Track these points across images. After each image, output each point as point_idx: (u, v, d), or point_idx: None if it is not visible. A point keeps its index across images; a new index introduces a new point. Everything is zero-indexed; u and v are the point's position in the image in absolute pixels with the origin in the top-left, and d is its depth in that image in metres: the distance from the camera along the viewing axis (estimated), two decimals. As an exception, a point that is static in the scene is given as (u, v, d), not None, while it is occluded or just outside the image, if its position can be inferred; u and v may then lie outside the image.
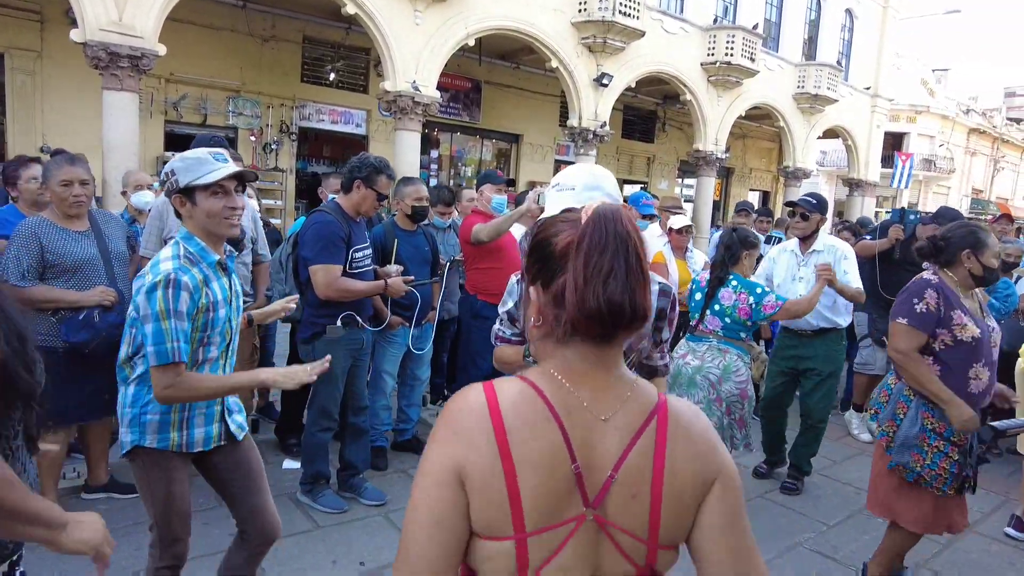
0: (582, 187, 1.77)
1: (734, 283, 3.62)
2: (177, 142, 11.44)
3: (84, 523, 1.31)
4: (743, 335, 3.64)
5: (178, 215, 2.03)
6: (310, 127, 12.81)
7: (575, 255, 0.92)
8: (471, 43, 11.13)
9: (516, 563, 0.90)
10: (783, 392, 4.23)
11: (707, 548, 0.96)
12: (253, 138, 11.98)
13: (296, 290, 3.47)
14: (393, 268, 3.55)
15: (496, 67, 14.43)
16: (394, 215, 3.98)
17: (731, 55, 14.27)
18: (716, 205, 19.39)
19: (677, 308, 2.01)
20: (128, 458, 2.06)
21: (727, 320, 3.60)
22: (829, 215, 25.11)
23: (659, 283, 1.94)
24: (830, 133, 19.08)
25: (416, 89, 10.27)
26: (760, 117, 17.85)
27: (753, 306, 3.54)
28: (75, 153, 3.14)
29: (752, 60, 14.62)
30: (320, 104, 12.72)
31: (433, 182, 14.71)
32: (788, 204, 4.46)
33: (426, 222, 4.15)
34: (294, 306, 2.53)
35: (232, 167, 1.96)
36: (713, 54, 14.44)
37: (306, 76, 12.48)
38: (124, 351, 2.03)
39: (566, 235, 0.95)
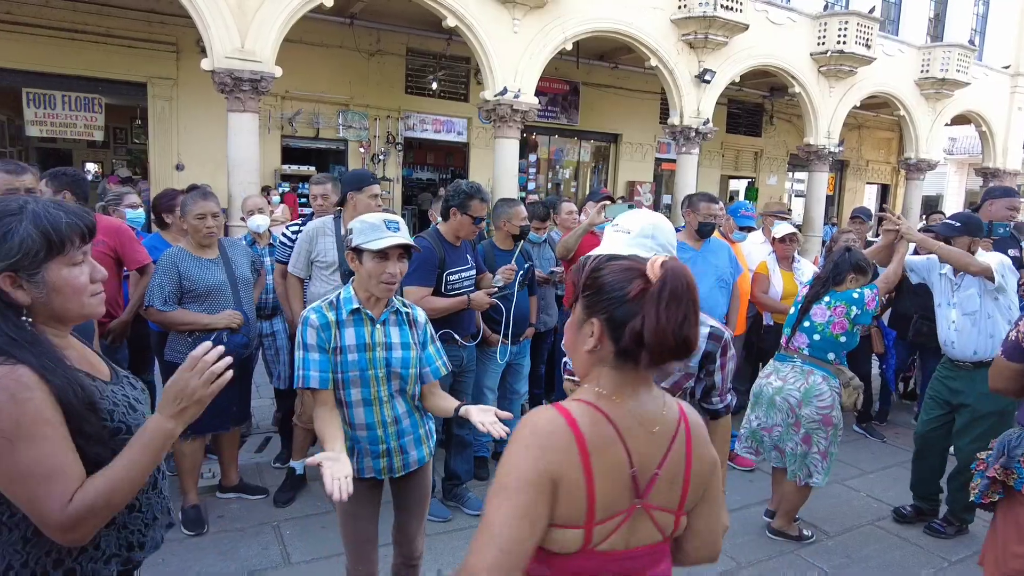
0: (637, 233, 1.86)
1: (827, 299, 3.42)
2: (293, 155, 12.24)
3: (185, 408, 1.33)
4: (832, 356, 3.41)
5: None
6: (414, 137, 13.29)
7: (657, 301, 1.14)
8: (568, 47, 11.15)
9: (583, 543, 1.16)
10: (938, 427, 3.73)
11: (700, 511, 1.29)
12: (363, 150, 12.59)
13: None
14: (490, 277, 3.68)
15: (594, 68, 14.36)
16: (492, 236, 4.10)
17: (844, 43, 13.43)
18: (830, 200, 18.34)
19: (730, 352, 2.04)
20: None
21: (815, 338, 3.41)
22: (963, 205, 23.12)
23: (710, 326, 1.98)
24: (960, 119, 17.55)
25: (516, 97, 10.42)
26: (878, 106, 16.69)
27: (856, 314, 3.34)
28: (202, 185, 3.47)
29: (868, 46, 13.69)
30: (423, 114, 13.17)
31: (531, 186, 14.88)
32: (929, 226, 4.03)
33: (525, 240, 4.24)
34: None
35: (396, 239, 2.11)
36: (823, 43, 13.65)
37: (410, 87, 12.97)
38: None
39: (638, 283, 1.16)
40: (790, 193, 20.16)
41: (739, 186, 19.20)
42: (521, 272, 3.90)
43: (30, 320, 1.30)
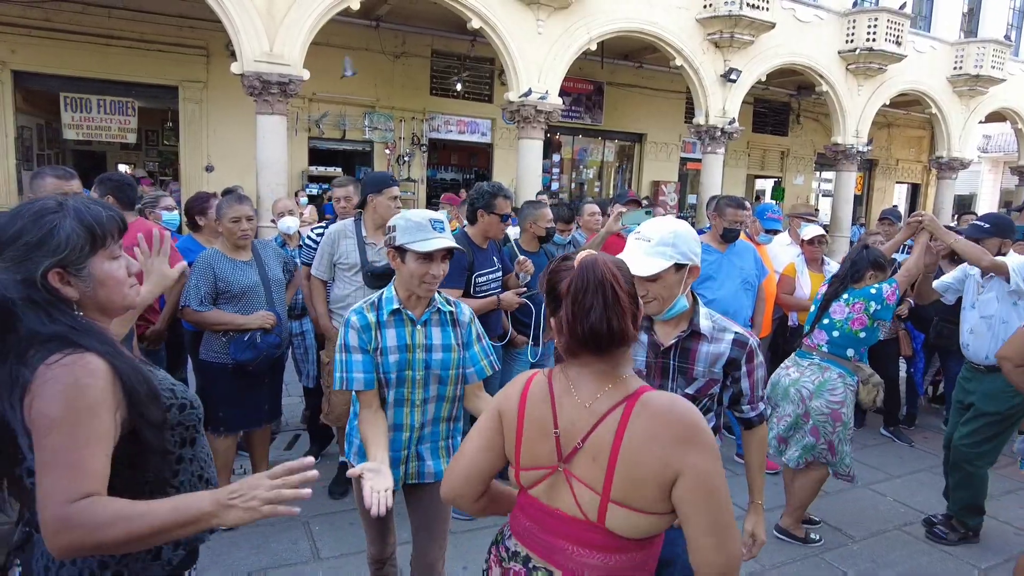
0: (657, 241, 1.88)
1: (845, 296, 3.42)
2: (319, 157, 12.40)
3: (235, 506, 1.21)
4: (851, 352, 3.42)
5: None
6: (438, 138, 13.39)
7: (566, 296, 1.28)
8: (593, 47, 11.14)
9: (515, 479, 1.43)
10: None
11: (685, 526, 1.27)
12: (388, 151, 12.71)
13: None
14: (516, 278, 3.72)
15: (618, 68, 14.32)
16: (517, 238, 4.14)
17: (873, 40, 13.22)
18: (858, 200, 18.08)
19: (758, 358, 2.02)
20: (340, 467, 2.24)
21: (834, 334, 3.41)
22: (997, 205, 22.54)
23: (735, 332, 1.98)
24: (995, 116, 17.14)
25: (541, 99, 10.44)
26: (908, 104, 16.39)
27: (876, 309, 3.34)
28: (235, 187, 3.56)
29: (898, 44, 13.46)
30: (448, 115, 13.26)
31: (554, 186, 14.88)
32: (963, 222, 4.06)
33: (550, 242, 4.28)
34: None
35: (443, 242, 2.07)
36: (852, 40, 13.45)
37: (434, 89, 13.06)
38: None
39: (566, 280, 1.30)
40: (817, 193, 19.88)
41: (765, 186, 18.99)
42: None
43: (80, 314, 1.32)
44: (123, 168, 15.44)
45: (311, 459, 1.29)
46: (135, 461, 1.31)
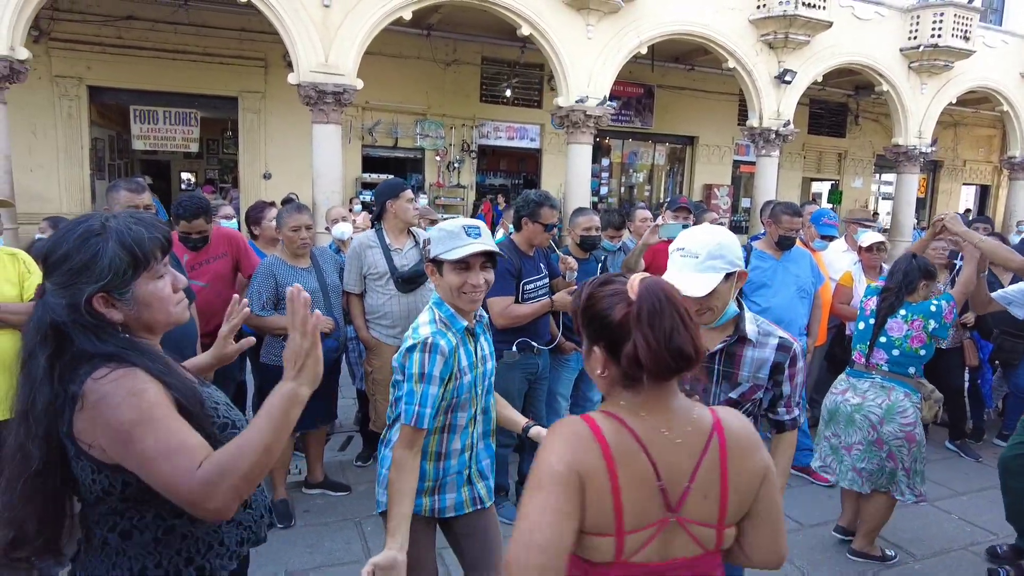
0: (705, 256, 1.84)
1: (903, 312, 3.30)
2: (372, 164, 12.67)
3: (302, 370, 1.28)
4: (912, 370, 3.29)
5: None
6: (488, 144, 13.51)
7: (638, 323, 1.16)
8: (643, 51, 11.06)
9: (615, 552, 1.18)
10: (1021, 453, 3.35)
11: (754, 522, 1.26)
12: (439, 158, 12.90)
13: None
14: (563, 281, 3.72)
15: (669, 70, 14.17)
16: (567, 245, 4.16)
17: (938, 36, 12.70)
18: (921, 203, 17.37)
19: (800, 363, 1.99)
20: (382, 517, 2.03)
21: (895, 353, 3.29)
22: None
23: (779, 337, 1.96)
24: (1072, 114, 16.23)
25: (597, 105, 10.42)
26: (977, 102, 15.69)
27: (935, 327, 3.22)
28: (291, 194, 3.69)
29: (966, 39, 12.89)
30: (497, 121, 13.37)
31: (603, 190, 14.81)
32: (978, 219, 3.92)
33: (597, 249, 4.28)
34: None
35: (478, 246, 1.91)
36: (915, 37, 12.95)
37: (484, 95, 13.19)
38: (390, 413, 2.06)
39: (620, 308, 1.19)
40: (877, 196, 19.20)
41: (822, 189, 18.44)
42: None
43: (127, 335, 1.34)
44: (185, 176, 16.13)
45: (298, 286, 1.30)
46: None
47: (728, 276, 1.88)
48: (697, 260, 1.86)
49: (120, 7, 10.41)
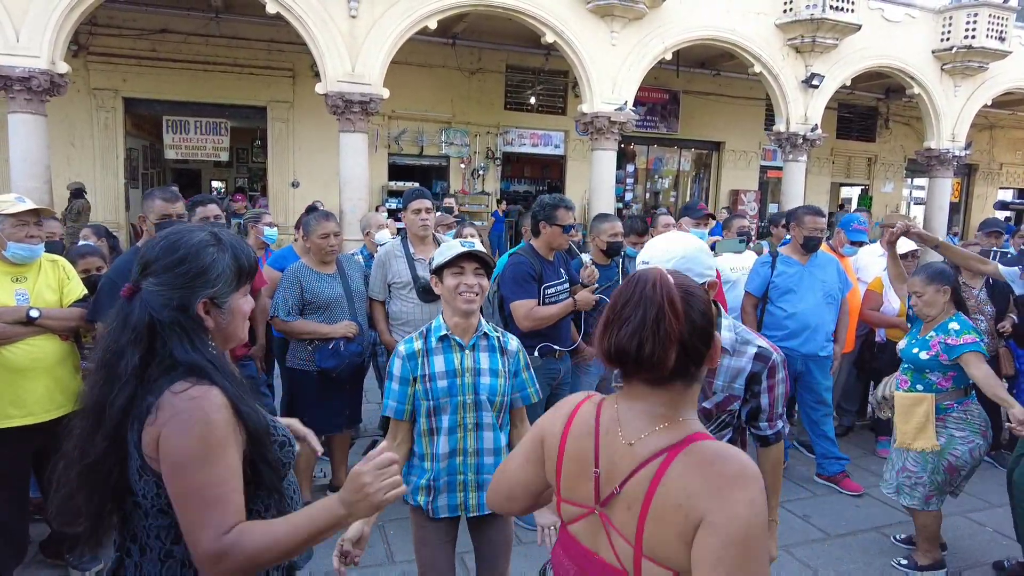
0: (673, 267, 1.83)
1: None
2: (398, 172, 12.81)
3: (361, 501, 1.28)
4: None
5: None
6: (512, 151, 13.56)
7: (608, 308, 1.18)
8: (668, 57, 11.03)
9: (559, 512, 1.29)
10: None
11: None
12: (463, 165, 12.99)
13: (501, 323, 3.78)
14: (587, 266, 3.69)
15: (694, 75, 14.10)
16: (588, 252, 4.16)
17: (972, 37, 12.44)
18: (955, 207, 17.01)
19: (780, 374, 1.93)
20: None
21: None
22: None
23: (758, 347, 1.91)
24: (1113, 115, 15.80)
25: (621, 110, 10.42)
26: (1014, 104, 15.34)
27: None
28: (316, 202, 3.75)
29: (1002, 39, 12.60)
30: (521, 128, 13.44)
31: (628, 196, 14.76)
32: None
33: (619, 255, 4.27)
34: None
35: (465, 248, 2.13)
36: (948, 38, 12.70)
37: (509, 103, 13.27)
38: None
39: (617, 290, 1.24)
40: (908, 201, 18.83)
41: (852, 194, 18.15)
42: (614, 283, 3.94)
43: (214, 345, 1.37)
44: (215, 184, 16.47)
45: (390, 455, 1.32)
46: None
47: None
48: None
49: (154, 21, 10.71)
